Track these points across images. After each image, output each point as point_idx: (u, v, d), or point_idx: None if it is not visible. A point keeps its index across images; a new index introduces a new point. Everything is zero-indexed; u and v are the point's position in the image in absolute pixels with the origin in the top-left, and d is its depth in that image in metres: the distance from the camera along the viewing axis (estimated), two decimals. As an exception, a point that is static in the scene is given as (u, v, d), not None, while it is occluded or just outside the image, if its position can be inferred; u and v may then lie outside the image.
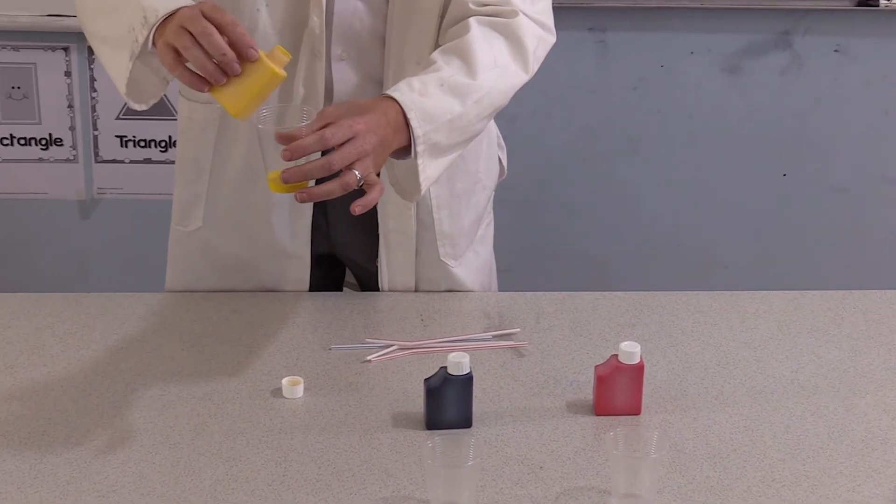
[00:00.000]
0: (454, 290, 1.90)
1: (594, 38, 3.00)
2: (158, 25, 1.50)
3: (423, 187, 1.57)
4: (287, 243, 1.84)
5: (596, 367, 1.56)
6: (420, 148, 1.53)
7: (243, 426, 1.52)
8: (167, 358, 1.69)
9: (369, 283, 1.93)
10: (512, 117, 3.01)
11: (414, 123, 1.52)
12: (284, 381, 1.59)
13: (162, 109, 2.96)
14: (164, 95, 2.87)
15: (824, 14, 2.98)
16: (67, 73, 2.96)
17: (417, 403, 1.56)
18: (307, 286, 1.88)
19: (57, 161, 3.02)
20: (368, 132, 1.46)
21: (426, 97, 1.53)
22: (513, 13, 1.67)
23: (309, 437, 1.48)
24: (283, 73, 1.47)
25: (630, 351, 1.52)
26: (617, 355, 1.53)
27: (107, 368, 1.66)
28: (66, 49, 2.94)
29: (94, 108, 2.99)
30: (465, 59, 1.60)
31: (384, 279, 1.87)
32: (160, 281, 1.97)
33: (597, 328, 1.79)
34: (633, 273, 3.20)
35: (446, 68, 1.59)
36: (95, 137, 3.01)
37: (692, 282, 3.16)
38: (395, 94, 1.52)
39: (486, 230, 1.97)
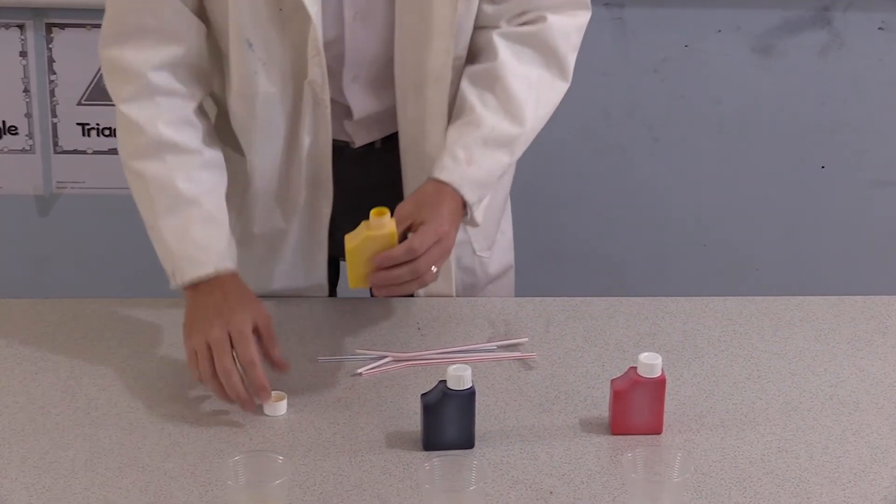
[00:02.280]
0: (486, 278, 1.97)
1: (611, 14, 3.00)
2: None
3: (481, 222, 1.75)
4: (301, 282, 1.91)
5: (612, 380, 1.56)
6: (476, 210, 1.72)
7: (219, 447, 1.52)
8: (135, 371, 1.69)
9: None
10: (519, 103, 3.01)
11: (468, 196, 1.69)
12: None
13: (128, 94, 2.96)
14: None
15: (867, -12, 2.99)
16: (23, 54, 2.96)
17: (414, 421, 1.56)
18: (325, 290, 1.92)
19: (11, 152, 3.02)
20: (452, 229, 1.65)
21: (473, 165, 1.70)
22: (540, 19, 1.75)
23: (293, 458, 1.49)
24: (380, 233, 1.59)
25: (650, 363, 1.52)
26: (636, 368, 1.54)
27: (67, 383, 1.66)
28: (21, 27, 2.94)
29: (52, 93, 2.99)
30: (502, 95, 1.73)
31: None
32: (126, 285, 1.98)
33: (613, 338, 1.80)
34: (653, 276, 3.20)
35: (486, 118, 1.72)
36: (54, 125, 3.01)
37: (719, 286, 3.16)
38: (444, 176, 1.68)
39: (506, 205, 2.04)
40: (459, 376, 1.49)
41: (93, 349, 1.74)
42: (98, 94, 2.97)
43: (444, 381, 1.50)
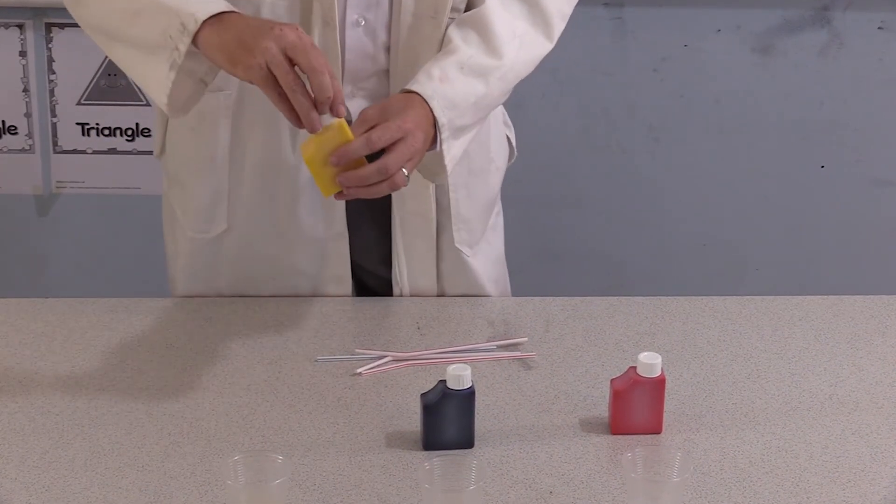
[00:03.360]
0: (473, 286, 1.92)
1: (610, 14, 3.00)
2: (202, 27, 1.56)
3: (450, 168, 1.69)
4: (322, 232, 1.85)
5: (612, 380, 1.57)
6: (445, 134, 1.65)
7: (219, 447, 1.52)
8: (134, 371, 1.69)
9: (382, 290, 1.94)
10: (518, 102, 2.99)
11: (437, 112, 1.63)
12: None
13: (129, 94, 2.96)
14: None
15: (867, -13, 2.99)
16: (22, 54, 2.96)
17: (413, 421, 1.56)
18: (349, 286, 1.89)
19: (11, 151, 3.02)
20: (417, 129, 1.59)
21: (447, 83, 1.65)
22: None
23: (293, 458, 1.49)
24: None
25: (650, 363, 1.53)
26: (635, 368, 1.54)
27: (67, 382, 1.66)
28: (20, 26, 2.94)
29: (52, 93, 2.99)
30: (483, 33, 1.70)
31: (402, 277, 1.88)
32: (126, 285, 1.97)
33: (613, 337, 1.80)
34: (653, 276, 3.20)
35: (464, 48, 1.69)
36: (54, 125, 3.02)
37: (719, 285, 3.17)
38: (415, 87, 1.63)
39: (497, 220, 2.00)
40: (459, 376, 1.49)
41: (93, 349, 1.74)
42: (98, 93, 2.97)
43: (444, 380, 1.50)
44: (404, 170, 1.57)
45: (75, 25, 2.88)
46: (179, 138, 1.87)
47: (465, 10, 1.75)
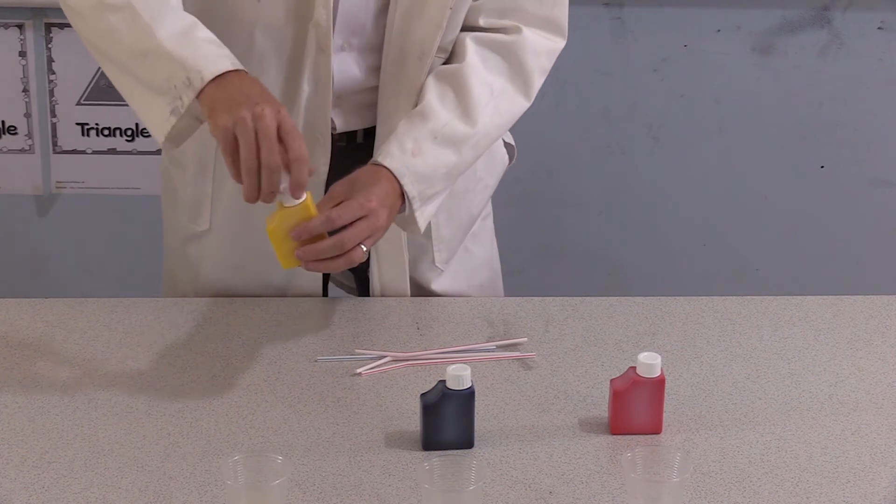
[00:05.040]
0: (447, 295, 1.92)
1: (610, 14, 3.00)
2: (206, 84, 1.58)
3: (423, 228, 1.72)
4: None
5: (612, 380, 1.57)
6: (416, 205, 1.69)
7: (219, 447, 1.52)
8: (134, 371, 1.69)
9: (362, 291, 1.96)
10: (518, 102, 3.01)
11: (408, 188, 1.67)
12: None
13: (128, 94, 2.96)
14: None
15: (867, -13, 2.99)
16: (22, 54, 2.96)
17: (413, 421, 1.56)
18: (320, 286, 1.90)
19: (10, 152, 3.02)
20: (381, 207, 1.62)
21: (419, 157, 1.69)
22: (515, 29, 1.76)
23: (293, 458, 1.49)
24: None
25: (649, 363, 1.53)
26: (635, 368, 1.54)
27: (66, 382, 1.66)
28: (20, 26, 2.94)
29: (52, 93, 2.99)
30: (460, 94, 1.73)
31: (376, 285, 1.89)
32: (125, 285, 1.97)
33: (613, 337, 1.80)
34: (652, 276, 3.20)
35: (440, 112, 1.71)
36: (54, 125, 3.02)
37: (719, 286, 3.17)
38: (386, 162, 1.67)
39: (482, 225, 2.00)
40: (459, 376, 1.49)
41: (92, 349, 1.74)
42: (97, 94, 2.97)
43: (444, 380, 1.50)
44: (364, 247, 1.60)
45: (75, 25, 2.90)
46: None
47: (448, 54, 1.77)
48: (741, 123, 3.11)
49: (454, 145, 1.72)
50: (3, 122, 3.00)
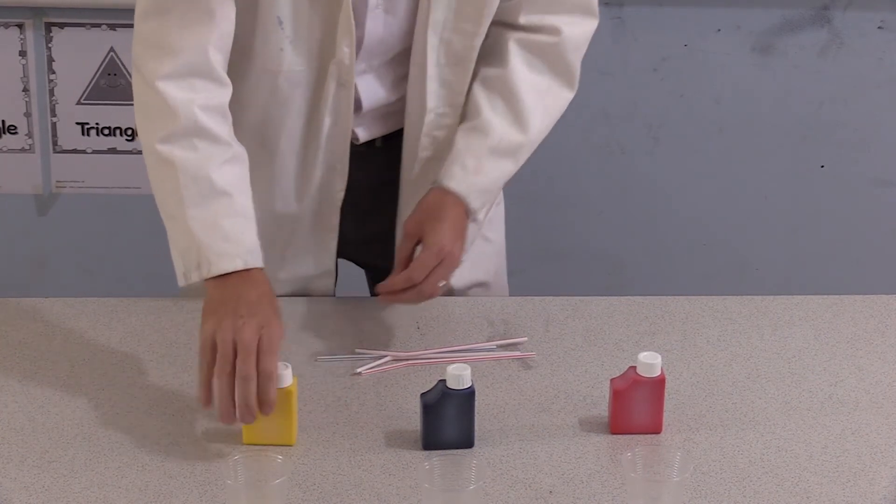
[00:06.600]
0: (468, 285, 1.94)
1: (610, 13, 3.00)
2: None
3: (483, 220, 1.85)
4: (309, 220, 1.87)
5: (612, 380, 1.57)
6: (479, 216, 1.78)
7: (219, 447, 1.52)
8: (134, 370, 1.69)
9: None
10: (518, 102, 3.00)
11: (474, 205, 1.74)
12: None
13: (129, 93, 2.95)
14: (129, 74, 2.87)
15: (867, -13, 2.99)
16: (22, 53, 2.96)
17: (413, 421, 1.56)
18: (332, 286, 1.91)
19: (10, 151, 3.02)
20: (453, 244, 1.68)
21: (481, 174, 1.75)
22: (555, 31, 1.79)
23: (293, 458, 1.49)
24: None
25: (650, 362, 1.53)
26: (635, 367, 1.54)
27: (67, 382, 1.66)
28: (20, 26, 2.94)
29: (52, 92, 2.99)
30: (510, 100, 1.77)
31: None
32: (125, 284, 1.97)
33: (613, 337, 1.80)
34: (653, 275, 3.20)
35: (496, 127, 1.76)
36: (54, 125, 3.01)
37: (719, 285, 3.16)
38: (451, 185, 1.73)
39: (496, 210, 2.01)
40: (459, 376, 1.49)
41: (92, 349, 1.74)
42: (97, 93, 2.97)
43: (444, 380, 1.50)
44: (442, 282, 1.67)
45: (75, 25, 2.90)
46: None
47: (485, 58, 1.79)
48: (741, 123, 3.10)
49: (511, 155, 1.78)
50: (3, 121, 3.00)
